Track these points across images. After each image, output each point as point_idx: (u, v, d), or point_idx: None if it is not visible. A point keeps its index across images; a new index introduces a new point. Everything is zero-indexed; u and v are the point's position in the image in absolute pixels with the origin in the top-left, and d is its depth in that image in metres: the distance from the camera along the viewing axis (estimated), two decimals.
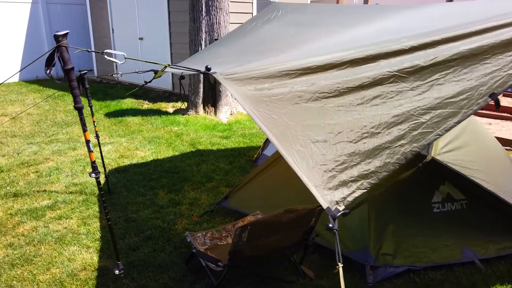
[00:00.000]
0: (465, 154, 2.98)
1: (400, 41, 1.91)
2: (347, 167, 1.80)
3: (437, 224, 2.98)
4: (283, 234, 2.43)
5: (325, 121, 1.87)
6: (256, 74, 1.95)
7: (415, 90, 1.84)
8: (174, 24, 8.56)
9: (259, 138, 5.96)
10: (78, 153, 5.32)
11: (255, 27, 4.20)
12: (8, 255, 3.04)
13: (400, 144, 1.80)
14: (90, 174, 2.09)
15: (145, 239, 3.25)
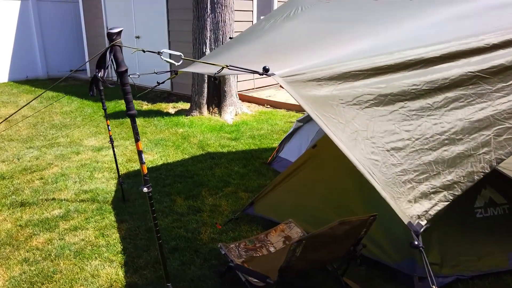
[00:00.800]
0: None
1: (479, 37, 1.76)
2: (428, 177, 1.65)
3: (481, 230, 2.86)
4: (334, 247, 2.26)
5: (401, 127, 1.71)
6: (318, 75, 1.78)
7: (499, 92, 1.70)
8: (173, 22, 8.33)
9: (269, 139, 5.79)
10: (82, 157, 5.06)
11: (275, 24, 4.02)
12: (25, 272, 2.80)
13: (485, 152, 1.66)
14: (142, 187, 1.88)
15: (171, 250, 3.04)
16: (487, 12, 2.20)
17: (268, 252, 2.79)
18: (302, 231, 2.94)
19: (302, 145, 4.38)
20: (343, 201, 3.15)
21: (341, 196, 3.19)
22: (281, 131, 6.17)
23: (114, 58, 1.52)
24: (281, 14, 4.14)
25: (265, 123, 6.59)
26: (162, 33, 8.54)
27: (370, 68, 1.76)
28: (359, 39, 2.42)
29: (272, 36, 3.62)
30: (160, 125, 6.49)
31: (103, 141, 5.74)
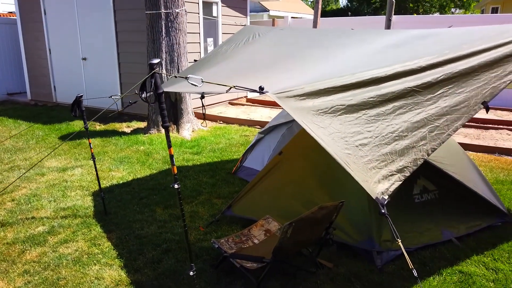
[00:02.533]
0: (437, 151, 3.62)
1: (413, 62, 2.43)
2: (386, 164, 2.25)
3: (419, 212, 3.57)
4: (314, 228, 2.80)
5: (364, 128, 2.30)
6: (301, 91, 2.34)
7: (429, 101, 2.37)
8: (123, 44, 8.56)
9: (229, 152, 6.27)
10: (49, 178, 5.16)
11: (237, 48, 4.58)
12: (30, 281, 3.00)
13: (423, 144, 2.30)
14: (173, 184, 2.27)
15: (164, 251, 3.39)
16: (414, 41, 2.93)
17: (253, 243, 3.26)
18: (279, 224, 3.45)
19: (265, 154, 4.92)
20: (310, 197, 3.73)
21: (307, 193, 3.76)
22: (238, 144, 6.67)
23: (154, 83, 1.93)
24: (239, 39, 4.72)
25: (222, 138, 7.06)
26: (111, 55, 8.71)
27: (339, 86, 2.35)
28: (321, 61, 3.04)
29: (239, 58, 4.16)
30: (119, 144, 6.69)
31: (64, 161, 5.83)
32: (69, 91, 9.81)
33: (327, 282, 2.97)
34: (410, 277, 3.02)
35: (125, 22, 8.37)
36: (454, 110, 2.35)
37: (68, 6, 9.08)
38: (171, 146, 2.31)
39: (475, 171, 3.98)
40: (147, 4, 6.74)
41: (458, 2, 27.07)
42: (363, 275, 3.05)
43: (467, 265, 3.17)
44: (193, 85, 2.06)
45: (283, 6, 14.28)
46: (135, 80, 8.47)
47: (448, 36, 2.87)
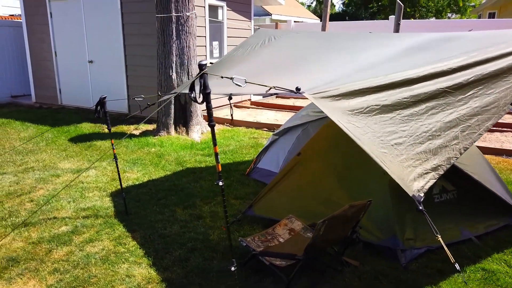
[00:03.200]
0: None
1: (443, 63, 2.51)
2: (421, 162, 2.32)
3: (439, 212, 3.64)
4: (344, 227, 2.87)
5: (399, 128, 2.38)
6: (336, 92, 2.41)
7: (460, 102, 2.45)
8: (130, 47, 8.61)
9: (239, 154, 6.32)
10: (64, 179, 5.19)
11: (253, 51, 4.63)
12: (61, 279, 3.03)
13: (455, 143, 2.38)
14: (217, 181, 2.32)
15: (190, 250, 3.44)
16: (439, 44, 3.01)
17: (279, 242, 3.32)
18: (302, 224, 3.51)
19: (280, 156, 4.98)
20: (329, 196, 3.80)
21: (327, 193, 3.83)
22: (248, 146, 6.73)
23: (203, 83, 1.99)
24: (255, 42, 4.77)
25: (231, 140, 7.12)
26: (118, 57, 8.76)
27: (374, 87, 2.42)
28: (346, 63, 3.11)
29: (258, 60, 4.22)
30: (130, 146, 6.73)
31: (77, 163, 5.86)
32: (74, 93, 9.84)
33: (354, 280, 3.03)
34: (435, 274, 3.09)
35: (132, 25, 8.42)
36: (484, 111, 2.43)
37: (75, 9, 9.13)
38: (216, 145, 2.36)
39: (491, 171, 4.07)
40: (158, 7, 6.80)
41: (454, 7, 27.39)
42: (388, 272, 3.11)
43: (489, 262, 3.24)
44: (237, 85, 2.13)
45: (284, 10, 14.41)
46: (142, 82, 8.53)
47: (472, 39, 2.96)
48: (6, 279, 3.05)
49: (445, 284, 2.97)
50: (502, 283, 2.98)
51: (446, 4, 26.44)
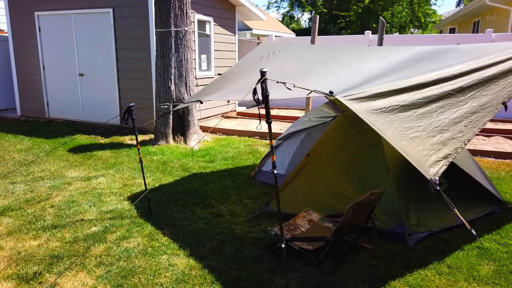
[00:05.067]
0: None
1: (445, 71, 3.03)
2: (434, 152, 2.81)
3: (436, 201, 4.15)
4: (364, 212, 3.30)
5: (415, 124, 2.86)
6: (362, 95, 2.86)
7: (462, 102, 2.96)
8: (123, 60, 8.85)
9: (240, 159, 6.69)
10: (76, 186, 5.38)
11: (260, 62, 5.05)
12: (109, 270, 3.29)
13: (461, 135, 2.88)
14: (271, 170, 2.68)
15: (221, 242, 3.77)
16: (437, 55, 3.55)
17: (301, 231, 3.71)
18: (319, 215, 3.92)
19: (285, 158, 5.40)
20: (340, 192, 4.24)
21: (338, 188, 4.27)
22: (246, 153, 7.12)
23: (263, 87, 2.38)
24: (259, 55, 5.20)
25: (229, 147, 7.48)
26: (111, 71, 8.97)
27: (393, 90, 2.90)
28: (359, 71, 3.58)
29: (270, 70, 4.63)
30: (131, 155, 6.95)
31: (84, 172, 6.05)
32: (63, 106, 9.92)
33: (372, 259, 3.46)
34: (439, 252, 3.57)
35: (125, 39, 8.68)
36: (482, 109, 2.96)
37: (65, 24, 9.29)
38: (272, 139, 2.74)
39: (477, 166, 4.65)
40: (158, 22, 7.14)
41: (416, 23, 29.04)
42: (399, 253, 3.57)
43: (482, 241, 3.76)
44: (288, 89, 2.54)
45: (264, 25, 15.02)
46: (135, 95, 8.76)
47: (463, 51, 3.51)
48: (56, 273, 3.28)
49: (449, 259, 3.45)
50: (495, 256, 3.50)
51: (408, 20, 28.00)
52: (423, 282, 3.12)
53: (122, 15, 8.57)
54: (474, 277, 3.19)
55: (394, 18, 26.90)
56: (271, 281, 3.13)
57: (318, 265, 3.27)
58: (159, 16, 7.08)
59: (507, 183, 5.45)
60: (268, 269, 3.31)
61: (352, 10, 24.26)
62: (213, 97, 4.25)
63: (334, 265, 3.31)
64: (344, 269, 3.30)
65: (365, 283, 3.11)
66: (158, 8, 7.06)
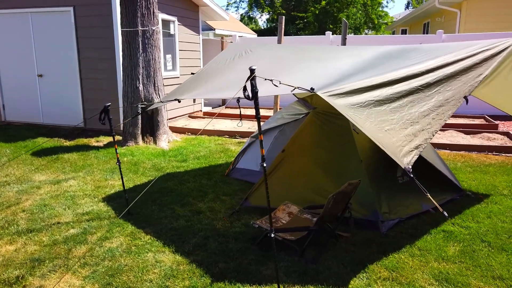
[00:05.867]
0: None
1: (412, 68, 3.28)
2: (407, 143, 3.04)
3: (404, 190, 4.45)
4: (343, 202, 3.50)
5: (388, 118, 3.08)
6: (341, 91, 3.05)
7: (429, 96, 3.23)
8: (85, 60, 8.64)
9: (212, 158, 6.76)
10: (46, 190, 5.24)
11: (232, 62, 5.16)
12: (95, 270, 3.28)
13: (429, 127, 3.14)
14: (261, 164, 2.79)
15: (204, 237, 3.85)
16: (403, 54, 3.82)
17: (282, 223, 3.86)
18: (298, 207, 4.09)
19: (259, 155, 5.54)
20: (318, 185, 4.44)
21: (315, 181, 4.47)
22: (217, 151, 7.19)
23: (253, 84, 2.49)
24: (231, 55, 5.29)
25: (199, 147, 7.52)
26: (72, 71, 8.73)
27: (368, 86, 3.11)
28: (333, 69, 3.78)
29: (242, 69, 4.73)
30: (100, 156, 6.83)
31: (52, 175, 5.89)
32: (21, 109, 9.53)
33: (350, 246, 3.67)
34: (409, 237, 3.84)
35: (88, 39, 8.49)
36: (446, 102, 3.24)
37: (21, 23, 8.93)
38: (261, 134, 2.85)
39: (439, 158, 5.01)
40: (124, 22, 7.05)
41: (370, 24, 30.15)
42: (374, 239, 3.81)
43: (446, 225, 4.09)
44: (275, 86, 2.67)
45: (226, 26, 15.10)
46: (100, 96, 8.58)
47: (427, 50, 3.80)
48: (39, 276, 3.23)
49: (419, 243, 3.73)
50: (460, 238, 3.82)
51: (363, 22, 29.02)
52: (398, 264, 3.37)
53: (84, 14, 8.37)
54: (442, 257, 3.47)
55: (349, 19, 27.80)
56: (258, 271, 3.26)
57: (302, 254, 3.44)
58: (125, 15, 7.00)
59: (463, 173, 5.90)
60: (254, 260, 3.43)
61: (310, 11, 24.83)
62: (194, 95, 4.31)
63: (316, 253, 3.48)
64: (326, 256, 3.49)
65: (347, 268, 3.31)
66: (124, 7, 6.98)
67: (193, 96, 4.21)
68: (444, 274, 3.21)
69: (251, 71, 2.51)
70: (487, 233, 3.92)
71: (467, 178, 5.63)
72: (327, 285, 3.07)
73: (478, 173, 5.90)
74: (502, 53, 3.57)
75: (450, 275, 3.19)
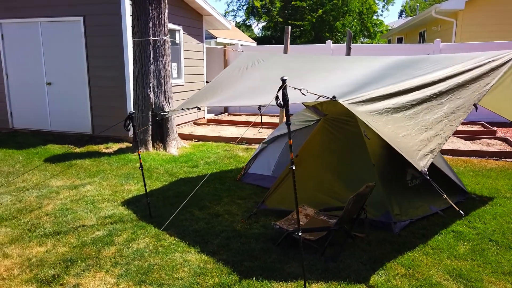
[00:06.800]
0: None
1: (426, 77, 3.51)
2: (422, 147, 3.26)
3: (413, 193, 4.67)
4: (360, 203, 3.70)
5: (405, 124, 3.31)
6: (360, 99, 3.27)
7: (442, 104, 3.46)
8: (94, 69, 8.82)
9: (222, 164, 6.95)
10: (66, 195, 5.39)
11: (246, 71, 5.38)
12: (127, 269, 3.44)
13: (442, 133, 3.37)
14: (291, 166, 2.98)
15: (226, 238, 4.02)
16: (414, 64, 4.06)
17: (301, 224, 4.05)
18: (314, 210, 4.29)
19: (271, 161, 5.75)
20: (330, 188, 4.64)
21: (328, 184, 4.67)
22: (226, 157, 7.38)
23: (285, 93, 2.70)
24: (244, 65, 5.51)
25: (208, 153, 7.71)
26: (81, 79, 8.90)
27: (386, 94, 3.33)
28: (345, 78, 4.01)
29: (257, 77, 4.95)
30: (112, 163, 6.99)
31: (68, 181, 6.04)
32: (29, 116, 9.66)
33: (366, 246, 3.87)
34: (421, 237, 4.05)
35: (97, 48, 8.67)
36: (458, 109, 3.47)
37: (31, 31, 9.10)
38: (291, 138, 3.05)
39: (444, 161, 5.24)
40: (136, 31, 7.26)
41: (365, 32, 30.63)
42: (388, 239, 4.01)
43: (455, 226, 4.30)
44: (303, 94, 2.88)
45: (227, 34, 15.37)
46: (108, 103, 8.75)
47: (436, 60, 4.05)
48: (74, 275, 3.38)
49: (431, 242, 3.94)
50: (469, 238, 4.04)
51: (358, 30, 29.47)
52: (414, 261, 3.57)
53: (94, 24, 8.56)
54: (454, 255, 3.68)
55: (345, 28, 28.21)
56: (282, 269, 3.44)
57: (323, 253, 3.63)
58: (137, 25, 7.21)
59: (466, 177, 6.13)
60: (277, 259, 3.61)
61: (307, 20, 25.20)
62: (217, 102, 4.52)
63: (335, 252, 3.68)
64: (344, 255, 3.68)
65: (365, 266, 3.51)
66: (136, 17, 7.19)
67: (216, 103, 4.42)
68: (457, 270, 3.42)
69: (283, 81, 2.73)
70: (494, 233, 4.14)
71: (471, 182, 5.87)
72: (349, 281, 3.26)
73: (481, 177, 6.14)
74: (507, 64, 3.81)
75: (463, 271, 3.40)
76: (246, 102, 4.06)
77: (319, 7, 24.68)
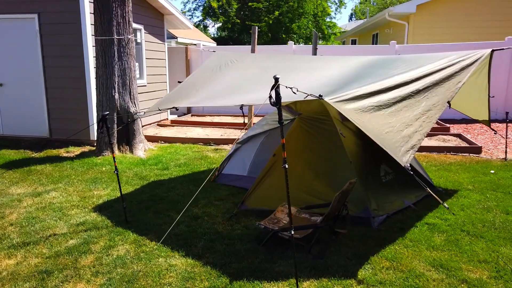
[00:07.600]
0: None
1: (404, 75, 3.64)
2: (404, 143, 3.37)
3: (388, 189, 4.83)
4: (343, 200, 3.77)
5: (386, 121, 3.40)
6: (345, 97, 3.33)
7: (419, 102, 3.60)
8: (51, 69, 8.37)
9: (193, 165, 6.83)
10: (30, 203, 5.07)
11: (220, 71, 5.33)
12: (110, 278, 3.28)
13: (421, 128, 3.50)
14: (284, 165, 2.96)
15: (210, 240, 3.95)
16: (390, 63, 4.20)
17: (284, 223, 4.06)
18: (295, 208, 4.31)
19: (246, 161, 5.72)
20: (310, 186, 4.69)
21: (308, 183, 4.72)
22: (197, 158, 7.26)
23: (278, 92, 2.68)
24: (217, 65, 5.47)
25: (177, 155, 7.54)
26: (37, 80, 8.41)
27: (368, 93, 3.42)
28: (324, 77, 4.07)
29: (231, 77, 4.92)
30: (76, 168, 6.66)
31: (30, 188, 5.68)
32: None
33: (349, 241, 3.95)
34: (399, 230, 4.19)
35: (54, 47, 8.23)
36: (434, 107, 3.63)
37: None
38: (284, 137, 3.03)
39: (413, 158, 5.46)
40: (98, 30, 6.97)
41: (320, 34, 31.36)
42: (368, 234, 4.12)
43: (428, 219, 4.50)
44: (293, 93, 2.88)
45: (188, 34, 15.15)
46: (67, 105, 8.33)
47: (409, 60, 4.21)
48: (53, 287, 3.18)
49: (409, 235, 4.08)
50: (442, 229, 4.23)
51: None
52: (396, 254, 3.69)
53: (50, 22, 8.12)
54: (432, 247, 3.84)
55: (301, 30, 28.71)
56: (271, 269, 3.43)
57: (310, 250, 3.65)
58: (100, 23, 6.92)
59: (429, 171, 6.43)
60: (264, 259, 3.60)
61: (264, 21, 25.38)
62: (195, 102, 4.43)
63: (321, 249, 3.72)
64: (330, 252, 3.73)
65: (352, 261, 3.57)
66: (99, 15, 6.90)
67: (196, 103, 4.34)
68: (437, 261, 3.57)
69: (276, 79, 2.71)
70: (464, 224, 4.37)
71: (434, 176, 6.16)
72: (339, 277, 3.31)
73: (443, 171, 6.47)
74: (475, 63, 4.04)
75: (442, 261, 3.55)
76: (229, 101, 4.01)
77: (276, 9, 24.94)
